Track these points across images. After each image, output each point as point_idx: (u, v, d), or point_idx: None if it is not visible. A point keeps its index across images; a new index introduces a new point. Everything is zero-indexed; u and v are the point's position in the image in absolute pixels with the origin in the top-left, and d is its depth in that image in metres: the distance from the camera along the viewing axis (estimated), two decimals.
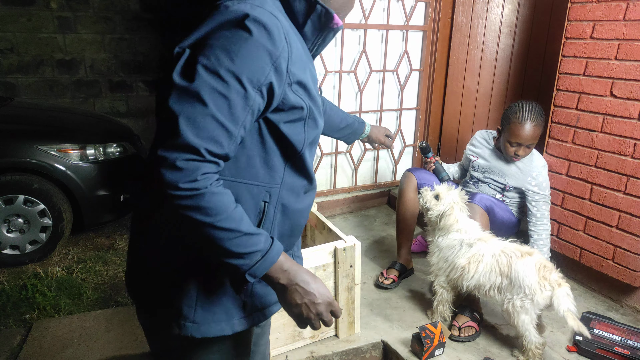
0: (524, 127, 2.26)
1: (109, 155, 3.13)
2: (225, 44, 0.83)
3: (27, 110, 3.51)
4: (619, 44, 2.23)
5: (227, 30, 0.84)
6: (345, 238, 2.04)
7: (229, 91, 0.83)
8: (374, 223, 3.43)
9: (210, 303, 0.99)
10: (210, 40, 0.84)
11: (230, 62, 0.83)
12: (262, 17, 0.85)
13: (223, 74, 0.83)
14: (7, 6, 4.74)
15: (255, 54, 0.85)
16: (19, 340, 2.20)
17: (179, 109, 0.81)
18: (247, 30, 0.84)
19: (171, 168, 0.80)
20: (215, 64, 0.82)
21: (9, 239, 2.88)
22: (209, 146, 0.82)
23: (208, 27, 0.85)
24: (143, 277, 1.04)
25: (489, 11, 3.29)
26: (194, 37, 0.86)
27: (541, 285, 1.86)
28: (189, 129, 0.81)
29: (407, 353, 2.03)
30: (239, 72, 0.83)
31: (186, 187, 0.81)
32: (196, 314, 0.98)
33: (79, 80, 5.25)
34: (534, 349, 1.91)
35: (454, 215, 2.07)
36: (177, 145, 0.81)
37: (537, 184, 2.36)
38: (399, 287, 2.56)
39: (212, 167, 0.84)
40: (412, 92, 3.65)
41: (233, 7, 0.86)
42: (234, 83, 0.83)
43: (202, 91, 0.82)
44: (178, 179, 0.81)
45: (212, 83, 0.82)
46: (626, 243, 2.28)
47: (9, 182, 2.81)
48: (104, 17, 5.18)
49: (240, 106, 0.85)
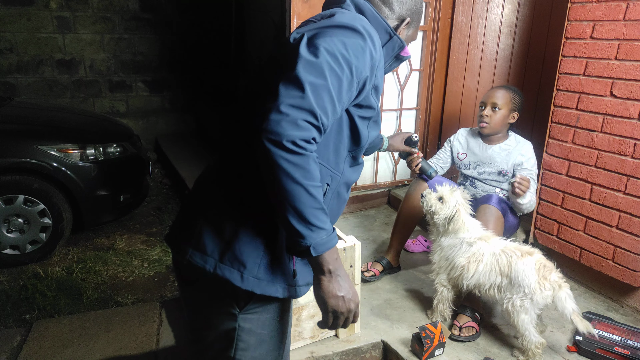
0: (491, 89, 2.54)
1: (109, 155, 3.13)
2: (343, 37, 1.00)
3: (27, 110, 3.51)
4: (619, 44, 2.23)
5: (344, 29, 1.02)
6: (345, 238, 2.04)
7: (342, 73, 0.98)
8: (374, 223, 3.43)
9: (272, 264, 1.08)
10: (330, 31, 1.01)
11: (345, 51, 0.99)
12: (370, 29, 1.07)
13: (340, 58, 0.98)
14: (7, 6, 4.73)
15: (362, 52, 1.02)
16: (19, 340, 2.20)
17: (305, 77, 0.94)
18: (359, 33, 1.03)
19: (292, 123, 0.91)
20: (334, 49, 0.98)
21: (9, 239, 2.88)
22: (322, 114, 0.95)
23: (327, 23, 1.03)
24: (207, 228, 1.10)
25: (489, 11, 3.29)
26: (313, 27, 1.03)
27: (541, 285, 1.86)
28: (313, 95, 0.93)
29: (407, 353, 2.03)
30: (350, 61, 0.99)
31: (301, 144, 0.91)
32: (259, 270, 1.06)
33: (79, 80, 5.25)
34: (533, 349, 1.91)
35: (461, 218, 2.06)
36: (301, 106, 0.92)
37: (526, 160, 2.45)
38: (399, 287, 2.56)
39: (318, 135, 0.96)
40: (412, 92, 3.65)
41: (349, 15, 1.08)
42: (346, 69, 0.99)
43: (324, 67, 0.96)
44: (296, 134, 0.91)
45: (331, 63, 0.97)
46: (626, 243, 2.28)
47: (9, 182, 2.81)
48: (103, 17, 5.18)
49: (346, 89, 1.00)
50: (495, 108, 2.45)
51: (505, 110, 2.46)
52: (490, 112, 2.46)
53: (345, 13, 1.09)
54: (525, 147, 2.49)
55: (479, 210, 2.34)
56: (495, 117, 2.46)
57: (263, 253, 1.07)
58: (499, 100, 2.45)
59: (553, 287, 1.86)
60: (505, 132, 2.54)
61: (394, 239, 2.66)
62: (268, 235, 1.08)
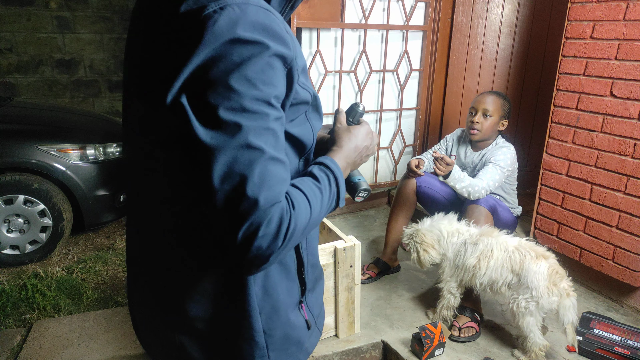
0: (481, 95, 2.52)
1: (109, 155, 3.13)
2: (238, 71, 0.65)
3: (27, 110, 3.51)
4: (619, 44, 2.23)
5: (230, 53, 0.65)
6: (345, 238, 2.04)
7: (267, 121, 0.68)
8: (374, 223, 3.43)
9: (282, 342, 0.89)
10: (214, 72, 0.65)
11: (254, 89, 0.67)
12: (258, 16, 0.68)
13: (255, 107, 0.67)
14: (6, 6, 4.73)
15: (270, 66, 0.69)
16: (19, 340, 2.20)
17: (240, 171, 0.65)
18: (252, 44, 0.66)
19: (261, 240, 0.67)
20: (241, 100, 0.66)
21: (9, 239, 2.88)
22: (282, 188, 0.70)
23: (200, 57, 0.65)
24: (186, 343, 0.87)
25: (489, 11, 3.29)
26: (184, 75, 0.66)
27: (549, 291, 1.85)
28: (261, 189, 0.66)
29: (407, 353, 2.03)
30: (267, 95, 0.68)
31: (282, 238, 0.69)
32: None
33: (78, 80, 5.25)
34: (537, 351, 1.91)
35: (428, 255, 2.10)
36: (253, 214, 0.66)
37: (495, 158, 2.43)
38: (399, 287, 2.56)
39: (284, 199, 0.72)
40: (412, 92, 3.65)
41: (220, 18, 0.65)
42: (268, 109, 0.69)
43: (250, 138, 0.66)
44: (270, 241, 0.68)
45: (252, 124, 0.66)
46: (626, 243, 2.28)
47: (9, 182, 2.81)
48: (103, 16, 5.18)
49: (280, 129, 0.71)
50: (486, 115, 2.44)
51: (496, 117, 2.45)
52: (482, 118, 2.44)
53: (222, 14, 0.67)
54: (501, 150, 2.46)
55: (468, 210, 2.35)
56: (486, 123, 2.44)
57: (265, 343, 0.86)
58: (490, 106, 2.43)
59: (561, 294, 1.85)
60: (493, 139, 2.54)
61: (387, 238, 2.66)
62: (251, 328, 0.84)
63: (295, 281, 0.90)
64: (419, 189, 2.57)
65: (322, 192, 0.79)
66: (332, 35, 3.21)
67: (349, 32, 3.24)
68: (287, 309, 0.88)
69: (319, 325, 1.00)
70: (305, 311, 0.93)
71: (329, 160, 0.86)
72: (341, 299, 2.04)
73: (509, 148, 2.47)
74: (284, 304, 0.87)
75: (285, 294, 0.87)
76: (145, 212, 0.87)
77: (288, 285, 0.88)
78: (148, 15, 0.77)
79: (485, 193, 2.35)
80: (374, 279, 2.58)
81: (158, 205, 0.82)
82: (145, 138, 0.79)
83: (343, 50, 3.23)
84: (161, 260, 0.85)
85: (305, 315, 0.93)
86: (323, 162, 0.85)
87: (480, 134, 2.46)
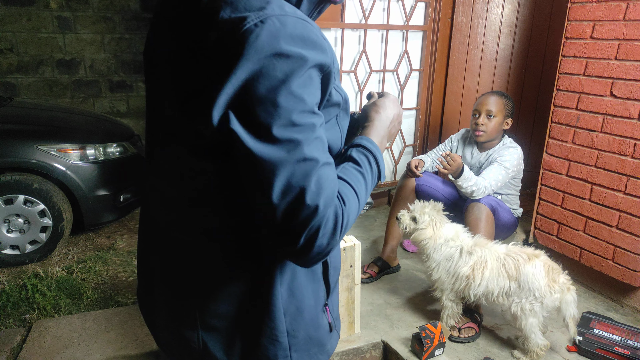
0: (483, 96, 2.52)
1: (109, 155, 3.13)
2: (284, 87, 0.66)
3: (27, 110, 3.51)
4: (619, 44, 2.23)
5: (272, 68, 0.66)
6: (345, 238, 2.04)
7: (315, 130, 0.70)
8: (374, 223, 3.43)
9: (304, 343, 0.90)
10: (260, 89, 0.66)
11: (301, 102, 0.68)
12: (296, 28, 0.68)
13: (304, 120, 0.69)
14: (7, 6, 4.74)
15: (310, 78, 0.70)
16: (19, 340, 2.20)
17: (300, 184, 0.68)
18: (293, 58, 0.67)
19: (322, 239, 0.70)
20: (290, 116, 0.67)
21: (9, 239, 2.88)
22: (335, 188, 0.73)
23: (244, 73, 0.65)
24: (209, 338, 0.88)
25: (489, 11, 3.29)
26: (228, 90, 0.66)
27: (551, 288, 1.85)
28: (319, 196, 0.69)
29: (407, 353, 2.03)
30: (311, 106, 0.70)
31: (339, 233, 0.73)
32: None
33: (79, 80, 5.25)
34: (538, 351, 1.91)
35: (434, 236, 2.04)
36: (314, 220, 0.69)
37: (501, 158, 2.43)
38: (399, 287, 2.56)
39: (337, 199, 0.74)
40: (412, 92, 3.65)
41: (262, 32, 0.66)
42: (314, 119, 0.71)
43: (305, 151, 0.68)
44: (329, 239, 0.71)
45: (304, 136, 0.68)
46: (626, 243, 2.28)
47: (9, 182, 2.81)
48: (104, 16, 5.18)
49: (324, 133, 0.75)
50: (490, 115, 2.44)
51: (500, 117, 2.45)
52: (486, 119, 2.45)
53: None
54: (508, 150, 2.46)
55: (469, 208, 2.35)
56: (491, 124, 2.45)
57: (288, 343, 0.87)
58: (493, 107, 2.44)
59: (562, 290, 1.86)
60: (499, 139, 2.54)
61: (387, 237, 2.66)
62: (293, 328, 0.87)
63: (320, 283, 0.91)
64: (419, 187, 2.58)
65: (365, 176, 0.83)
66: (332, 35, 3.21)
67: (349, 32, 3.24)
68: (311, 311, 0.89)
69: (337, 328, 1.01)
70: (329, 314, 0.95)
71: (365, 140, 0.89)
72: (341, 299, 2.04)
73: (516, 149, 2.48)
74: (309, 306, 0.88)
75: (310, 297, 0.89)
76: (171, 212, 0.88)
77: (314, 288, 0.90)
78: (177, 17, 0.77)
79: (487, 192, 2.35)
80: (374, 278, 2.58)
81: (186, 208, 0.83)
82: (175, 143, 0.80)
83: (343, 50, 3.23)
84: (187, 260, 0.86)
85: (329, 317, 0.94)
86: (360, 143, 0.88)
87: (485, 135, 2.47)
